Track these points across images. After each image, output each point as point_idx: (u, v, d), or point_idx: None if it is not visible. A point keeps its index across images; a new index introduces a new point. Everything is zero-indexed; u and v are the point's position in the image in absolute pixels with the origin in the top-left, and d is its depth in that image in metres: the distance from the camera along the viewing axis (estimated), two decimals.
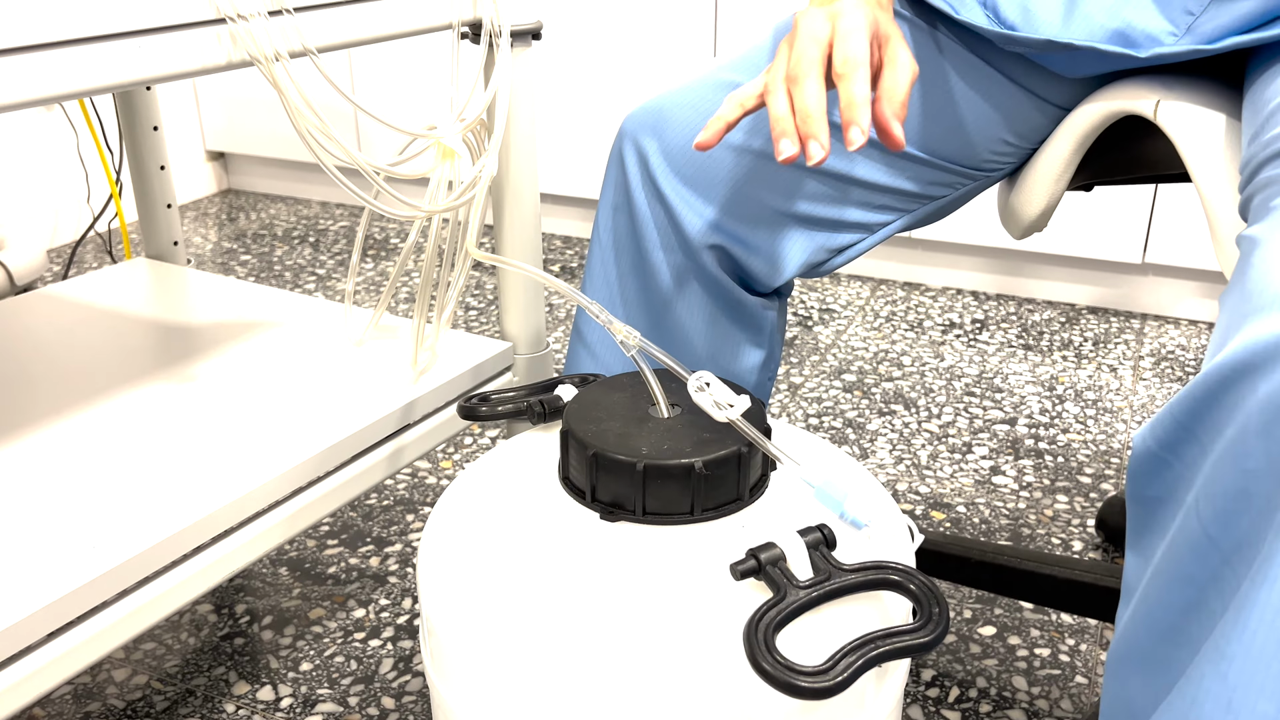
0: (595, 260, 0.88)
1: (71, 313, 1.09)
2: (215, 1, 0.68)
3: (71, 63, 0.61)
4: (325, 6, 0.76)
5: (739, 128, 0.80)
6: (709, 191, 0.81)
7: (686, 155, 0.81)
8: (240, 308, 1.09)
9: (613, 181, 0.86)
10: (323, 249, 2.28)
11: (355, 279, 1.56)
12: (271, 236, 2.35)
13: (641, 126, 0.83)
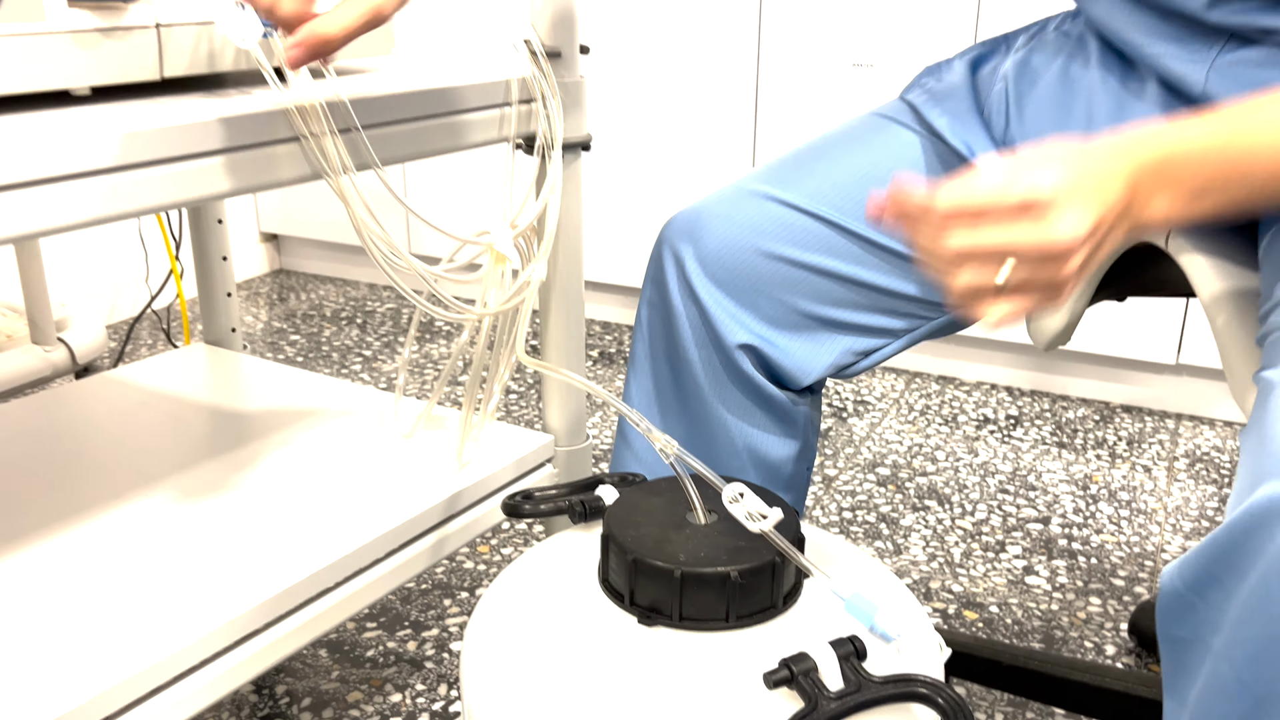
0: (638, 351, 0.92)
1: (132, 397, 1.14)
2: (292, 122, 0.73)
3: (163, 179, 0.66)
4: (391, 124, 0.81)
5: (774, 236, 0.84)
6: (741, 295, 0.85)
7: (720, 261, 0.86)
8: (294, 395, 1.13)
9: (652, 280, 0.91)
10: (369, 330, 2.34)
11: (405, 373, 1.60)
12: (320, 317, 2.42)
13: (679, 232, 0.88)
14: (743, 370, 0.86)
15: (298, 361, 2.13)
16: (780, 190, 0.85)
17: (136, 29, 0.72)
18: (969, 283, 0.56)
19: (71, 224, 0.61)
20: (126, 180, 0.64)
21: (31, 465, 0.98)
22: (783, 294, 0.84)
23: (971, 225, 0.55)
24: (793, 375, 0.87)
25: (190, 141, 0.67)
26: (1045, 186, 0.53)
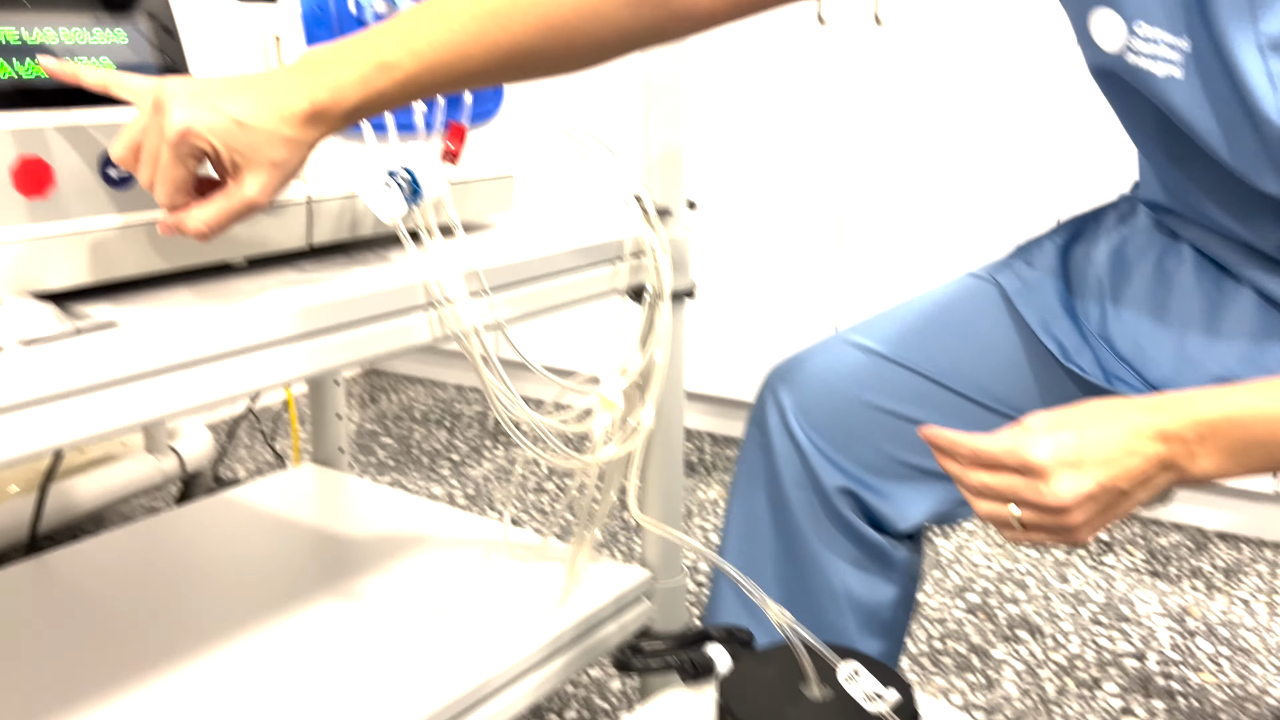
0: (739, 489, 0.94)
1: (245, 521, 1.19)
2: (430, 291, 0.78)
3: (310, 352, 0.71)
4: (516, 285, 0.86)
5: (873, 388, 0.87)
6: (841, 442, 0.88)
7: (818, 407, 0.89)
8: (400, 520, 1.17)
9: (755, 422, 0.93)
10: (457, 434, 2.39)
11: (510, 510, 1.64)
12: (410, 419, 2.48)
13: (781, 379, 0.91)
14: (842, 514, 0.88)
15: (389, 465, 2.19)
16: (878, 344, 0.88)
17: (290, 204, 0.78)
18: (989, 512, 0.65)
19: (226, 398, 0.66)
20: (278, 354, 0.69)
21: (143, 594, 1.03)
22: (882, 442, 0.87)
23: (988, 470, 0.64)
24: (892, 521, 0.89)
25: (336, 316, 0.72)
26: (1041, 456, 0.62)
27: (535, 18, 0.68)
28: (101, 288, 0.69)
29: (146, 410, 0.61)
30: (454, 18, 0.67)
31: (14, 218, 0.62)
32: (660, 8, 0.71)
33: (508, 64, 0.69)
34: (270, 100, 0.63)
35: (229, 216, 0.64)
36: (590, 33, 0.70)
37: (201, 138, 0.62)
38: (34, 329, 0.60)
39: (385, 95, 0.67)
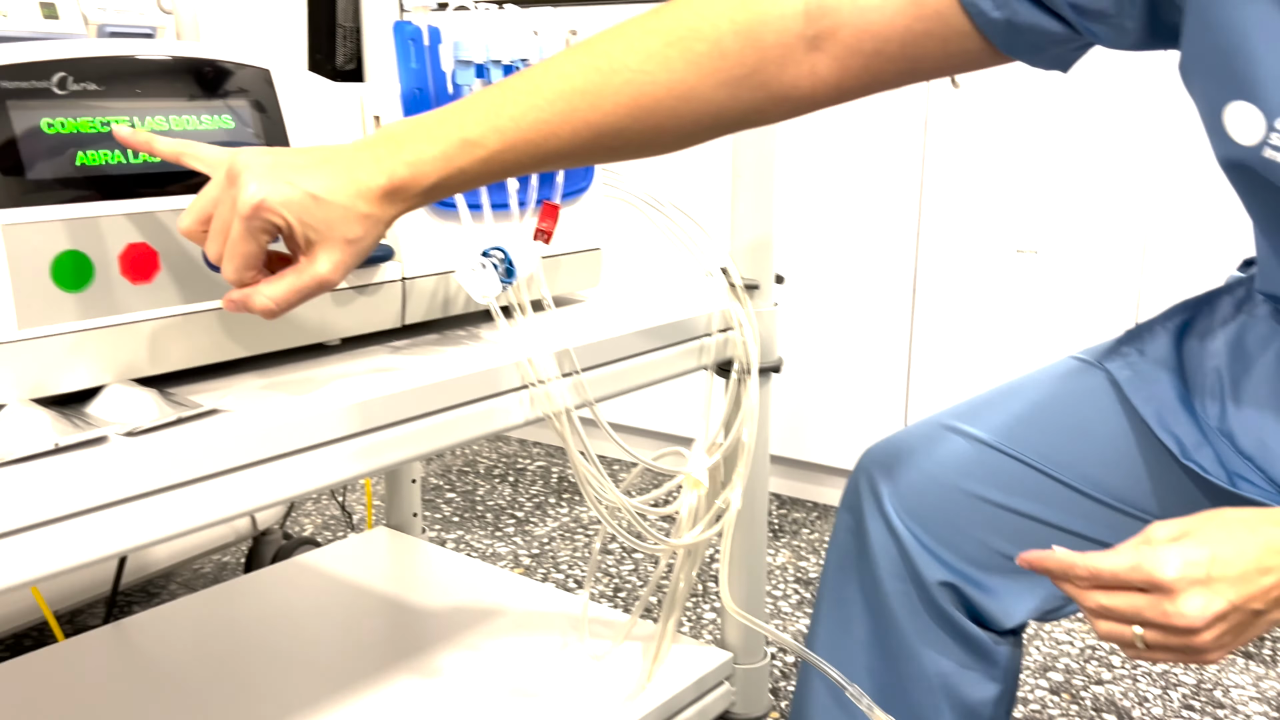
0: (829, 576, 0.91)
1: (320, 586, 1.19)
2: (523, 372, 0.77)
3: (410, 436, 0.70)
4: (607, 365, 0.85)
5: (976, 477, 0.83)
6: (941, 532, 0.84)
7: (918, 496, 0.85)
8: (474, 590, 1.16)
9: (848, 507, 0.90)
10: (521, 489, 2.38)
11: (591, 584, 1.63)
12: (474, 473, 2.48)
13: (876, 463, 0.88)
14: (942, 608, 0.85)
15: (454, 522, 2.18)
16: (981, 430, 0.84)
17: (386, 284, 0.78)
18: (1110, 632, 0.61)
19: (326, 485, 0.65)
20: (377, 441, 0.68)
21: (220, 662, 1.03)
22: (985, 535, 0.83)
23: (1107, 590, 0.60)
24: (995, 617, 0.85)
25: (434, 401, 0.71)
26: (1168, 573, 0.58)
27: (627, 97, 0.65)
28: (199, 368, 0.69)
29: (248, 500, 0.60)
30: (541, 94, 0.64)
31: (120, 304, 0.62)
32: (760, 89, 0.67)
33: (595, 144, 0.66)
34: (347, 175, 0.60)
35: (299, 295, 0.61)
36: (683, 114, 0.66)
37: (275, 212, 0.59)
38: (137, 417, 0.60)
39: (466, 173, 0.64)
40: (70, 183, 0.60)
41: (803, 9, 0.65)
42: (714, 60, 0.65)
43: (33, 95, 0.59)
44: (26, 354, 0.59)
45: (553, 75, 0.64)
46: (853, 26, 0.65)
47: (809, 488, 2.24)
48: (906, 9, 0.64)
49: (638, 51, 0.64)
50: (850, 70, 0.66)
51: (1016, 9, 0.64)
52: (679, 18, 0.65)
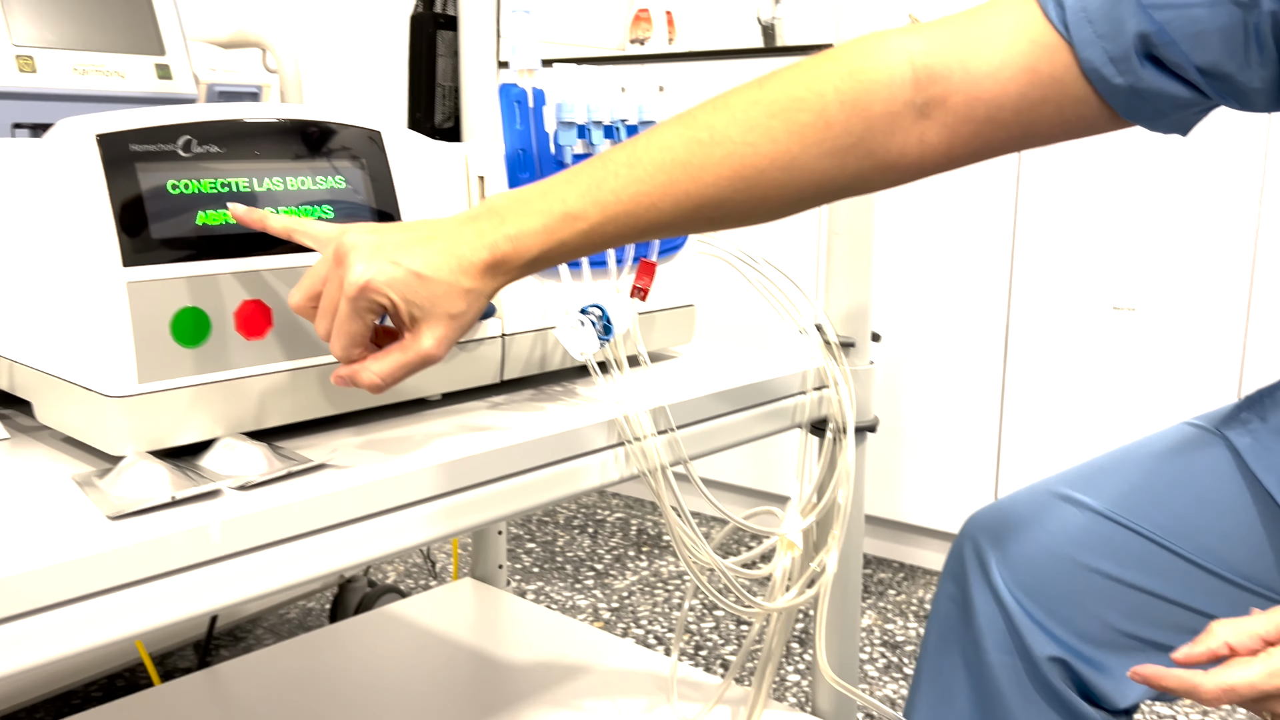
0: (931, 646, 0.88)
1: (405, 637, 1.19)
2: (619, 429, 0.77)
3: (509, 493, 0.70)
4: (702, 422, 0.84)
5: (1090, 549, 0.80)
6: (1053, 606, 0.81)
7: (1028, 566, 0.82)
8: (561, 646, 1.15)
9: (952, 575, 0.88)
10: (600, 541, 2.37)
11: (678, 644, 1.61)
12: (554, 524, 2.48)
13: (983, 530, 0.85)
14: (1052, 684, 0.81)
15: (534, 573, 2.18)
16: (1095, 500, 0.81)
17: (486, 340, 0.78)
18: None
19: (426, 540, 0.66)
20: (478, 497, 0.68)
21: (308, 712, 1.03)
22: (1100, 610, 0.80)
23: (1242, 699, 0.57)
24: (1108, 696, 0.82)
25: (533, 458, 0.71)
26: None
27: (729, 169, 0.64)
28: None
29: (353, 554, 0.61)
30: (642, 166, 0.64)
31: (234, 360, 0.64)
32: (866, 158, 0.65)
33: (696, 215, 0.66)
34: (451, 252, 0.61)
35: (405, 370, 0.62)
36: (786, 184, 0.65)
37: (380, 292, 0.60)
38: (248, 471, 0.61)
39: (568, 245, 0.64)
40: (191, 241, 0.61)
41: (911, 76, 0.64)
42: (819, 130, 0.64)
43: (160, 158, 0.61)
44: (145, 408, 0.60)
45: (654, 147, 0.64)
46: (964, 94, 0.64)
47: (897, 548, 2.20)
48: (1021, 75, 0.63)
49: (740, 122, 0.64)
50: (961, 137, 0.65)
51: (1141, 74, 0.62)
52: (782, 87, 0.65)
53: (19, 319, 0.67)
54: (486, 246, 0.62)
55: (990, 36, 0.63)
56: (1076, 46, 0.62)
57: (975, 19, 0.65)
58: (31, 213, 0.63)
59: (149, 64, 1.33)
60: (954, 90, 0.64)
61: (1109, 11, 0.61)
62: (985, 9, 0.65)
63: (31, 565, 0.49)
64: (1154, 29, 0.60)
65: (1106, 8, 0.61)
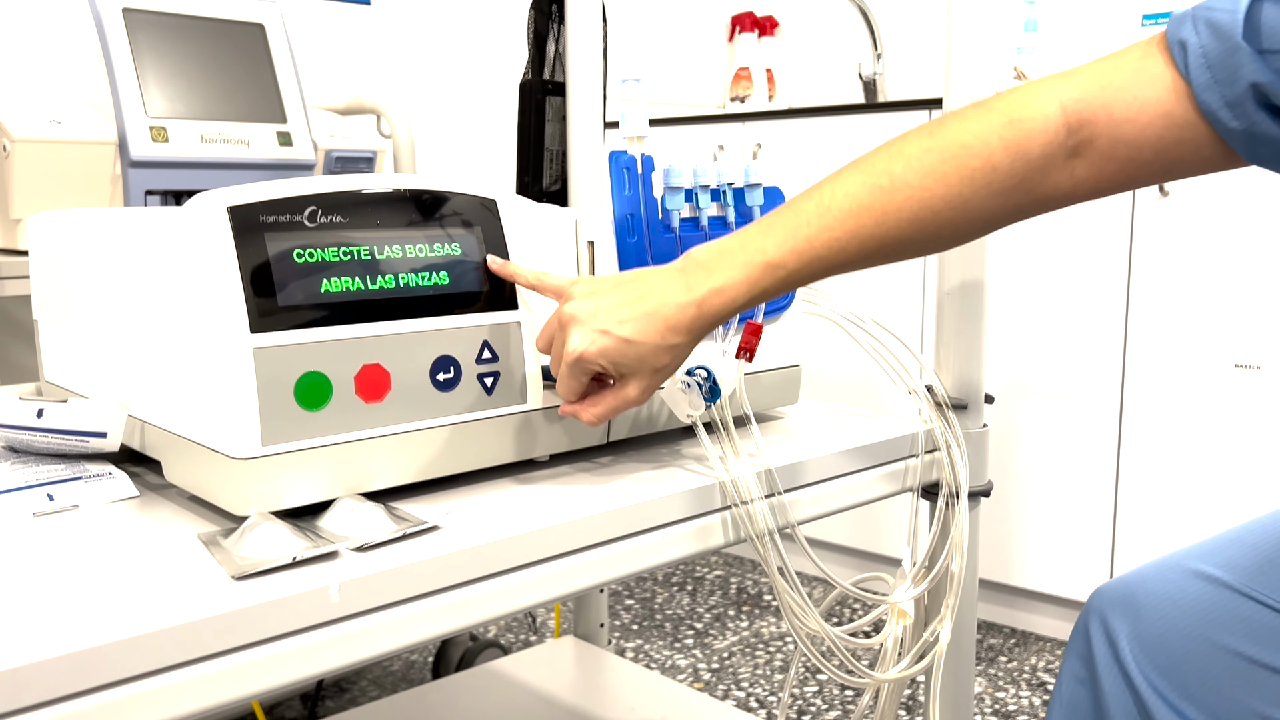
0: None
1: (505, 695, 1.19)
2: (726, 492, 0.76)
3: (617, 556, 0.70)
4: (809, 485, 0.83)
5: (1227, 627, 0.76)
6: (1187, 687, 0.77)
7: (1162, 645, 0.78)
8: (659, 707, 1.14)
9: (1077, 653, 0.84)
10: (699, 599, 2.35)
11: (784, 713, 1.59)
12: (653, 580, 2.47)
13: (1112, 606, 0.82)
14: None
15: (633, 630, 2.16)
16: (1226, 571, 0.77)
17: None
18: None
19: (536, 602, 0.66)
20: (587, 560, 0.68)
21: None
22: (1238, 693, 0.75)
23: None
24: None
25: (641, 521, 0.71)
26: None
27: (909, 212, 0.70)
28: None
29: (465, 616, 0.61)
30: (830, 214, 0.70)
31: (353, 422, 0.65)
32: (1026, 194, 0.71)
33: (878, 254, 0.72)
34: (659, 314, 0.69)
35: (614, 413, 0.72)
36: (960, 223, 0.72)
37: (593, 361, 0.69)
38: (366, 532, 0.62)
39: (768, 292, 0.71)
40: (315, 308, 0.64)
41: (1064, 123, 0.69)
42: (986, 175, 0.70)
43: (287, 228, 0.63)
44: (269, 470, 0.62)
45: (839, 194, 0.71)
46: (1108, 136, 0.68)
47: (1009, 612, 2.12)
48: (1157, 119, 0.67)
49: (916, 169, 0.70)
50: (1106, 174, 0.70)
51: (1255, 119, 0.64)
52: (951, 136, 0.71)
53: (150, 381, 0.70)
54: (694, 302, 0.70)
55: (1128, 83, 0.68)
56: (1195, 89, 0.65)
57: (1115, 66, 0.70)
58: (165, 280, 0.66)
59: (271, 132, 1.39)
60: (1100, 134, 0.69)
61: (1225, 58, 0.64)
62: (1123, 55, 0.70)
63: (158, 625, 0.50)
64: (1269, 79, 0.62)
65: (1223, 54, 0.64)
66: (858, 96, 2.74)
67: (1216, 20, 0.64)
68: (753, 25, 2.89)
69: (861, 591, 0.86)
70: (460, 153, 2.38)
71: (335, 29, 2.19)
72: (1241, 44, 0.63)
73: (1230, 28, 0.63)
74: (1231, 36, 0.63)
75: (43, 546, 0.61)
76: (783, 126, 2.24)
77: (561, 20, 1.25)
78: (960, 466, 0.92)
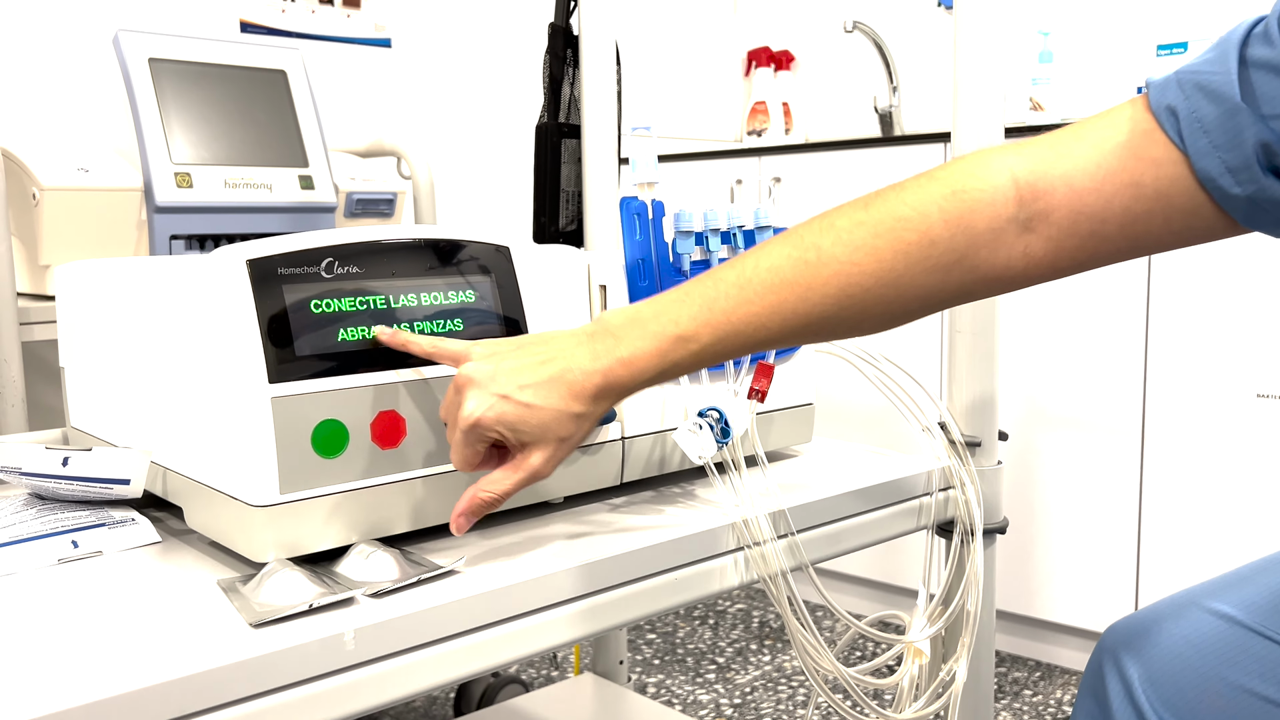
0: None
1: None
2: (739, 533, 0.77)
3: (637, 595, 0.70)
4: (822, 525, 0.83)
5: (1242, 666, 0.76)
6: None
7: (1175, 685, 0.78)
8: None
9: (1091, 694, 0.83)
10: (721, 633, 2.34)
11: None
12: (675, 614, 2.46)
13: (1125, 644, 0.81)
14: None
15: (654, 665, 2.16)
16: (1246, 613, 0.77)
17: (608, 444, 0.80)
18: None
19: (552, 646, 0.66)
20: (602, 603, 0.68)
21: None
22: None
23: None
24: None
25: (655, 563, 0.71)
26: None
27: (835, 288, 0.65)
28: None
29: (481, 660, 0.62)
30: (750, 288, 0.66)
31: (370, 469, 0.66)
32: (970, 273, 0.66)
33: (803, 332, 0.67)
34: (562, 380, 0.64)
35: (516, 487, 0.66)
36: (892, 300, 0.66)
37: (489, 428, 0.64)
38: (381, 577, 0.63)
39: (679, 365, 0.66)
40: (331, 357, 0.65)
41: (1014, 194, 0.65)
42: (923, 249, 0.65)
43: (304, 279, 0.65)
44: (286, 517, 0.63)
45: (762, 268, 0.66)
46: (1067, 209, 0.64)
47: (1032, 645, 2.10)
48: (1125, 190, 0.63)
49: (845, 243, 0.65)
50: (1066, 250, 0.65)
51: (1264, 185, 0.61)
52: (886, 209, 0.66)
53: (172, 428, 0.71)
54: (600, 371, 0.65)
55: (1092, 151, 0.64)
56: (1192, 157, 0.61)
57: (1078, 134, 0.65)
58: (186, 331, 0.68)
59: (293, 176, 1.41)
60: (1057, 205, 0.64)
61: (1225, 122, 0.60)
62: (1088, 123, 0.65)
63: (175, 674, 0.51)
64: (1275, 139, 0.59)
65: (1222, 118, 0.60)
66: (874, 130, 2.75)
67: (1208, 83, 0.61)
68: (769, 60, 2.92)
69: (875, 632, 0.86)
70: (479, 194, 2.41)
71: (357, 71, 2.23)
72: (1242, 105, 0.59)
73: (1226, 89, 0.60)
74: (1229, 99, 0.60)
75: (65, 594, 0.63)
76: (799, 160, 2.26)
77: (576, 64, 1.27)
78: (974, 504, 0.92)
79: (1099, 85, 2.40)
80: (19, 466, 0.73)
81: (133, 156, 1.31)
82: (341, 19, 2.21)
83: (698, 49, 2.91)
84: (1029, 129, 1.92)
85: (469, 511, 0.67)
